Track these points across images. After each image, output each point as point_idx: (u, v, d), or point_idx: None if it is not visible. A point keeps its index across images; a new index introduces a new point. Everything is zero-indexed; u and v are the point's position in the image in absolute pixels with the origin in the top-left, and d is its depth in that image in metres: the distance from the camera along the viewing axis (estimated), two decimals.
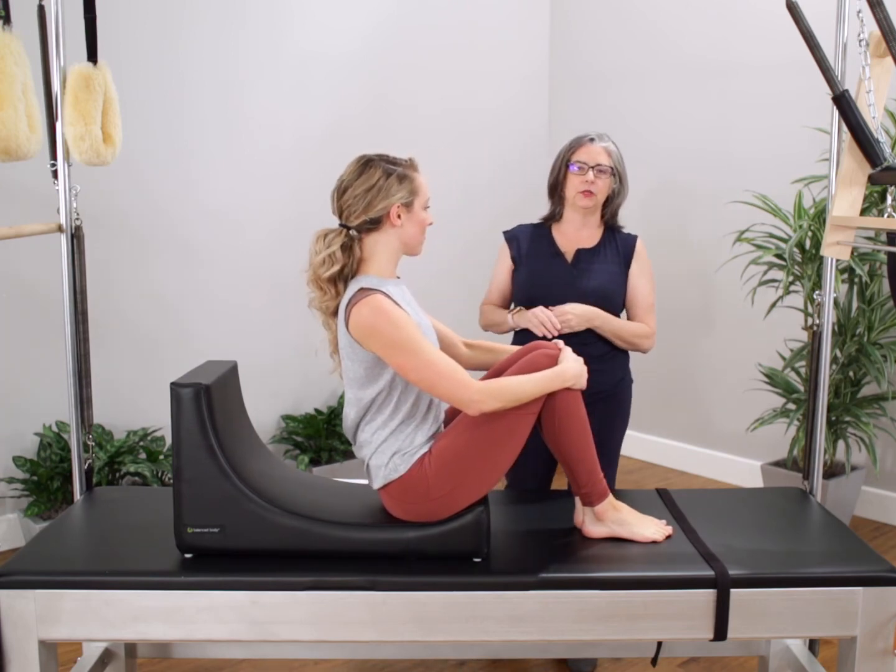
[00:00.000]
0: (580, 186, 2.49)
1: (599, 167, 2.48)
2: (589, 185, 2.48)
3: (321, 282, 1.95)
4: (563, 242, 2.58)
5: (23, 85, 2.03)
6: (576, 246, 2.56)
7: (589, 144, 2.51)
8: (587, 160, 2.49)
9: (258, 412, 3.64)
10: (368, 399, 1.92)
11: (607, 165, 2.49)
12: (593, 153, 2.49)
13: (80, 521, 2.15)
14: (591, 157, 2.49)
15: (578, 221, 2.57)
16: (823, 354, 2.30)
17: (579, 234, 2.58)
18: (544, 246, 2.58)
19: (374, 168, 1.94)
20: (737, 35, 3.96)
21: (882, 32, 1.84)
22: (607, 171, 2.49)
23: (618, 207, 2.59)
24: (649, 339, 2.56)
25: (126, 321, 3.55)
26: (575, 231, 2.58)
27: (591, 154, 2.49)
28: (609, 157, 2.51)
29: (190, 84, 3.63)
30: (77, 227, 2.26)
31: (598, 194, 2.50)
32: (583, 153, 2.51)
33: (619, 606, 1.83)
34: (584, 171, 2.49)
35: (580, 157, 2.50)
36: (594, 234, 2.58)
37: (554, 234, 2.60)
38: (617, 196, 2.56)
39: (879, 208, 3.24)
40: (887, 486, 3.68)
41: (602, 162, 2.49)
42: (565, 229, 2.59)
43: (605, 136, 2.55)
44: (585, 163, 2.49)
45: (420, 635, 1.84)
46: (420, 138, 4.27)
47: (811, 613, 1.84)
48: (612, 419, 2.55)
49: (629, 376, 2.63)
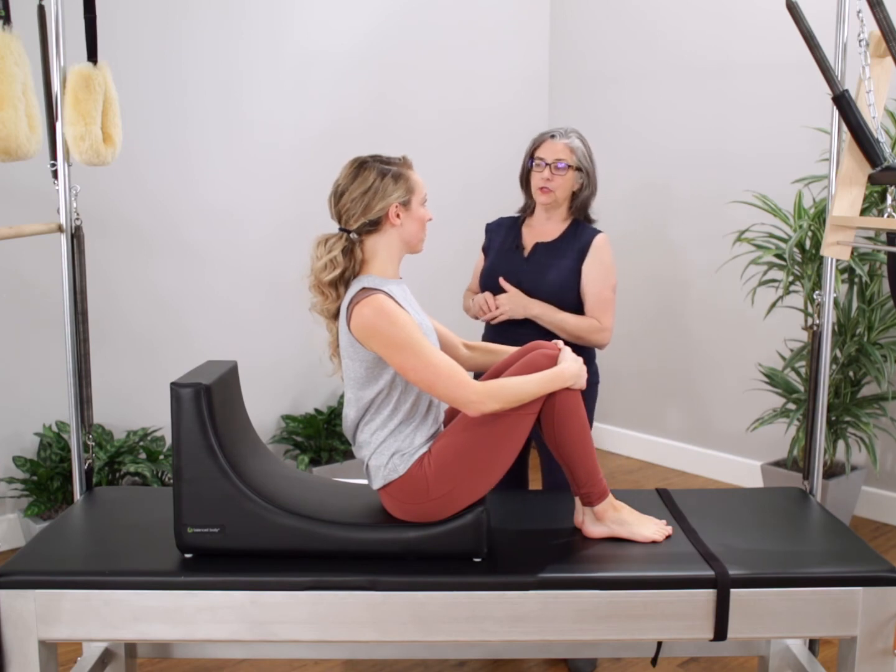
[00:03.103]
0: (539, 182, 2.54)
1: (558, 164, 2.51)
2: (546, 182, 2.52)
3: (323, 286, 1.95)
4: (529, 236, 2.63)
5: (23, 85, 2.03)
6: (537, 240, 2.61)
7: (550, 141, 2.55)
8: (545, 157, 2.53)
9: (258, 412, 3.63)
10: (368, 399, 1.92)
11: (567, 162, 2.52)
12: (553, 150, 2.53)
13: (80, 521, 2.15)
14: (550, 154, 2.53)
15: (544, 215, 2.62)
16: (823, 354, 2.30)
17: (544, 228, 2.62)
18: (510, 239, 2.65)
19: (368, 170, 1.94)
20: (736, 35, 3.96)
21: (882, 32, 1.84)
22: (566, 168, 2.52)
23: (585, 202, 2.60)
24: (599, 334, 2.52)
25: (126, 321, 3.55)
26: (540, 225, 2.63)
27: (550, 151, 2.53)
28: (572, 154, 2.53)
29: (190, 84, 3.63)
30: (77, 227, 2.26)
31: (557, 191, 2.54)
32: (543, 150, 2.55)
33: (619, 606, 1.83)
34: (542, 169, 2.53)
35: (539, 154, 2.55)
36: (558, 227, 2.61)
37: (523, 228, 2.66)
38: (583, 191, 2.58)
39: (879, 208, 3.24)
40: (887, 486, 3.68)
41: (562, 158, 2.52)
42: (534, 222, 2.65)
43: (571, 133, 2.57)
44: (543, 159, 2.53)
45: (420, 635, 1.84)
46: (420, 138, 4.27)
47: (811, 613, 1.84)
48: None
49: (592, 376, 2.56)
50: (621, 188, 4.39)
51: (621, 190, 4.40)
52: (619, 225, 4.48)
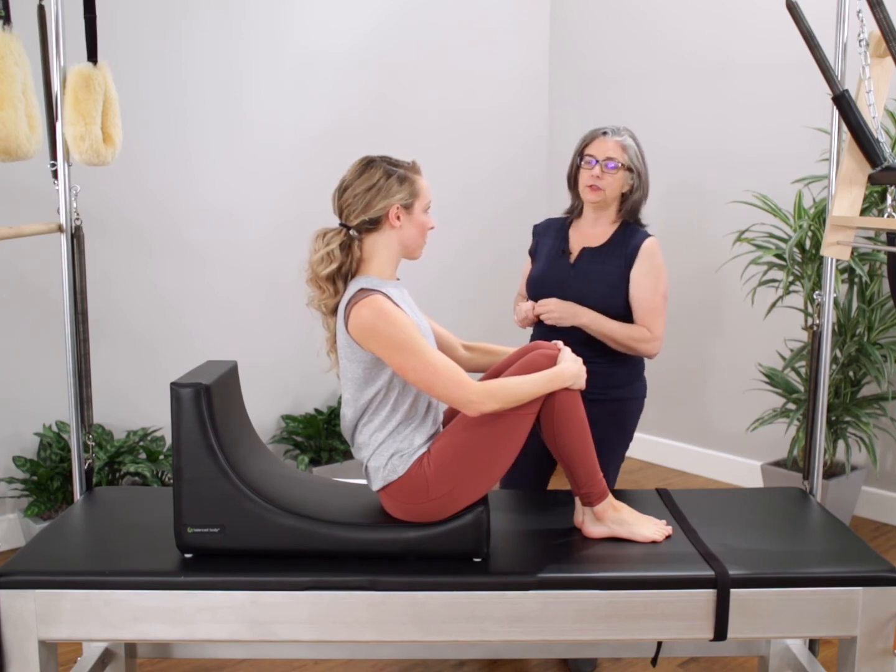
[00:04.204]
0: (588, 181, 2.46)
1: (609, 162, 2.44)
2: (595, 180, 2.45)
3: (319, 280, 1.95)
4: (576, 239, 2.55)
5: (23, 85, 2.03)
6: (584, 244, 2.53)
7: (602, 138, 2.47)
8: (596, 154, 2.45)
9: (258, 412, 3.63)
10: (366, 400, 1.92)
11: (618, 161, 2.44)
12: (604, 147, 2.45)
13: (80, 521, 2.15)
14: (602, 152, 2.45)
15: (592, 217, 2.54)
16: (823, 354, 2.30)
17: (592, 231, 2.54)
18: (557, 243, 2.57)
19: (375, 168, 1.94)
20: (737, 35, 3.96)
21: (882, 32, 1.84)
22: (617, 167, 2.44)
23: (636, 204, 2.52)
24: (649, 344, 2.44)
25: (126, 321, 3.55)
26: (589, 227, 2.55)
27: (601, 148, 2.45)
28: (623, 152, 2.45)
29: (190, 84, 3.63)
30: (77, 227, 2.26)
31: (606, 189, 2.46)
32: (594, 147, 2.47)
33: (619, 606, 1.83)
34: (592, 166, 2.45)
35: (590, 151, 2.47)
36: (606, 231, 2.52)
37: (570, 231, 2.58)
38: (634, 192, 2.50)
39: (879, 208, 3.24)
40: (887, 486, 3.68)
41: (613, 156, 2.44)
42: (581, 225, 2.57)
43: (623, 131, 2.49)
44: (594, 156, 2.46)
45: (420, 635, 1.84)
46: (420, 138, 4.27)
47: (811, 613, 1.84)
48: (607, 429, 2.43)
49: (638, 388, 2.54)
50: None
51: None
52: None
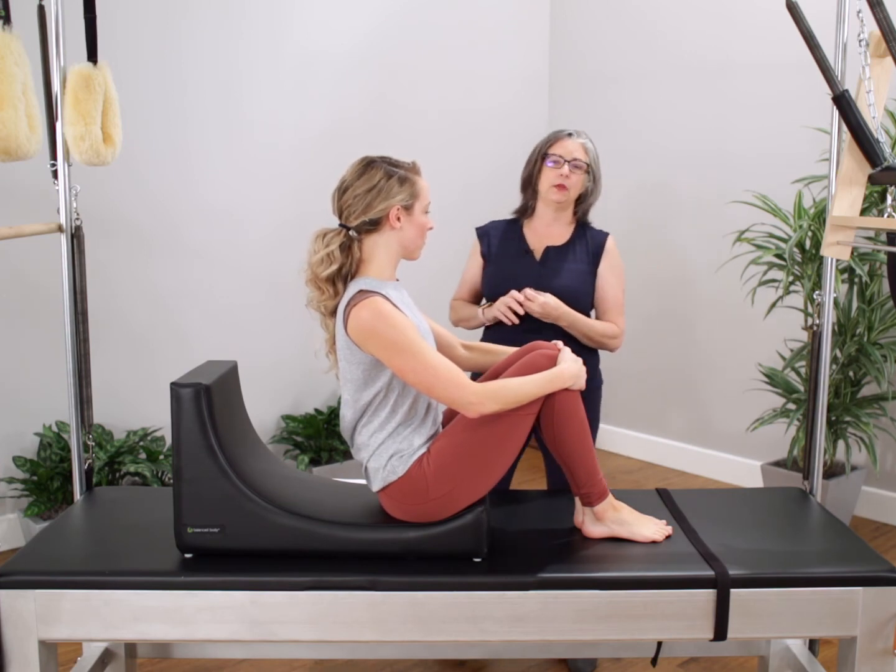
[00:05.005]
0: (554, 180, 2.52)
1: (575, 162, 2.51)
2: (563, 179, 2.51)
3: (319, 281, 1.95)
4: (533, 239, 2.60)
5: (23, 85, 2.03)
6: (545, 243, 2.58)
7: (566, 139, 2.54)
8: (563, 154, 2.52)
9: (258, 412, 3.64)
10: (365, 401, 1.92)
11: (583, 161, 2.52)
12: (570, 148, 2.52)
13: (80, 521, 2.15)
14: (568, 152, 2.52)
15: (549, 217, 2.59)
16: (823, 354, 2.30)
17: (549, 231, 2.59)
18: (514, 243, 2.60)
19: (375, 169, 1.94)
20: (736, 35, 3.96)
21: (882, 32, 1.84)
22: (582, 167, 2.52)
23: (590, 206, 2.61)
24: (617, 339, 2.55)
25: (126, 321, 3.55)
26: (545, 227, 2.60)
27: (567, 149, 2.52)
28: (586, 154, 2.54)
29: (190, 84, 3.63)
30: (77, 227, 2.26)
31: (572, 189, 2.53)
32: (560, 147, 2.53)
33: (619, 606, 1.83)
34: (559, 165, 2.51)
35: (556, 151, 2.53)
36: (564, 231, 2.60)
37: (525, 231, 2.62)
38: (590, 194, 2.58)
39: (879, 208, 3.24)
40: (887, 486, 3.68)
41: (578, 157, 2.52)
42: (536, 225, 2.62)
43: (584, 133, 2.58)
44: (561, 156, 2.52)
45: (420, 635, 1.83)
46: (420, 138, 4.27)
47: (811, 613, 1.84)
48: None
49: (599, 377, 2.61)
50: (621, 188, 4.39)
51: (621, 190, 4.39)
52: (619, 225, 4.47)
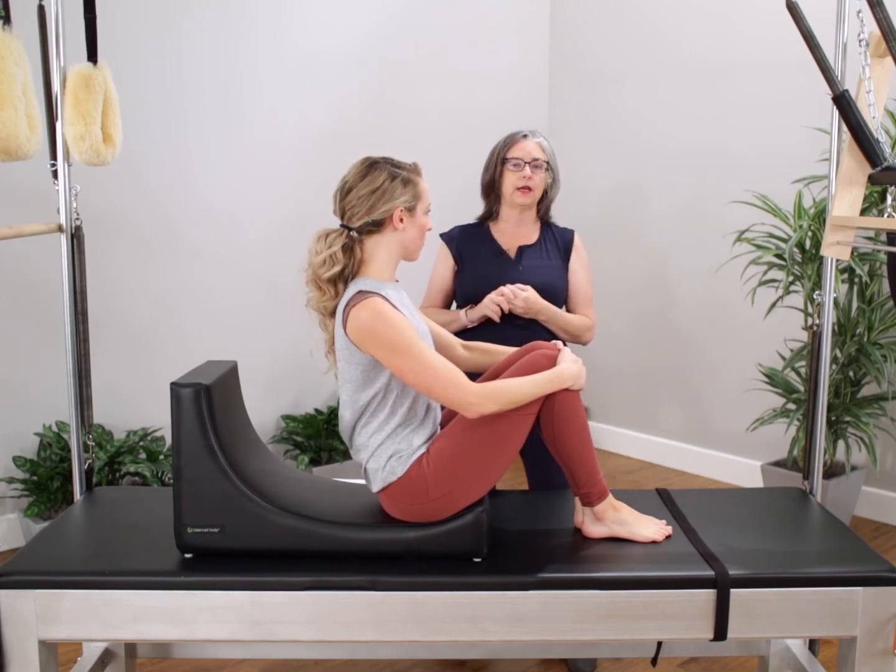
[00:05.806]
0: (518, 183, 2.54)
1: (535, 162, 2.53)
2: (526, 181, 2.53)
3: (321, 282, 1.95)
4: (504, 240, 2.62)
5: (23, 85, 2.03)
6: (516, 243, 2.60)
7: (523, 140, 2.56)
8: (523, 156, 2.54)
9: (258, 412, 3.64)
10: (364, 402, 1.92)
11: (543, 160, 2.54)
12: (528, 149, 2.55)
13: (80, 521, 2.15)
14: (527, 153, 2.54)
15: (515, 218, 2.61)
16: (823, 354, 2.30)
17: (518, 231, 2.62)
18: (486, 245, 2.62)
19: (379, 170, 1.93)
20: (736, 35, 3.96)
21: (882, 32, 1.84)
22: (542, 166, 2.54)
23: (551, 202, 2.64)
24: (591, 332, 2.60)
25: (126, 321, 3.55)
26: (513, 228, 2.62)
27: (526, 150, 2.55)
28: (543, 152, 2.56)
29: (190, 84, 3.63)
30: (77, 227, 2.26)
31: (536, 189, 2.55)
32: (518, 150, 2.55)
33: (619, 606, 1.83)
34: (520, 168, 2.53)
35: (515, 154, 2.55)
36: (532, 230, 2.62)
37: (493, 233, 2.63)
38: (550, 190, 2.61)
39: (879, 208, 3.24)
40: (887, 486, 3.68)
41: (538, 157, 2.54)
42: (503, 227, 2.64)
43: (538, 132, 2.61)
44: (521, 159, 2.54)
45: (420, 635, 1.83)
46: (420, 138, 4.27)
47: (811, 613, 1.84)
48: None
49: None
50: (621, 188, 4.39)
51: (621, 190, 4.39)
52: (618, 224, 4.48)
